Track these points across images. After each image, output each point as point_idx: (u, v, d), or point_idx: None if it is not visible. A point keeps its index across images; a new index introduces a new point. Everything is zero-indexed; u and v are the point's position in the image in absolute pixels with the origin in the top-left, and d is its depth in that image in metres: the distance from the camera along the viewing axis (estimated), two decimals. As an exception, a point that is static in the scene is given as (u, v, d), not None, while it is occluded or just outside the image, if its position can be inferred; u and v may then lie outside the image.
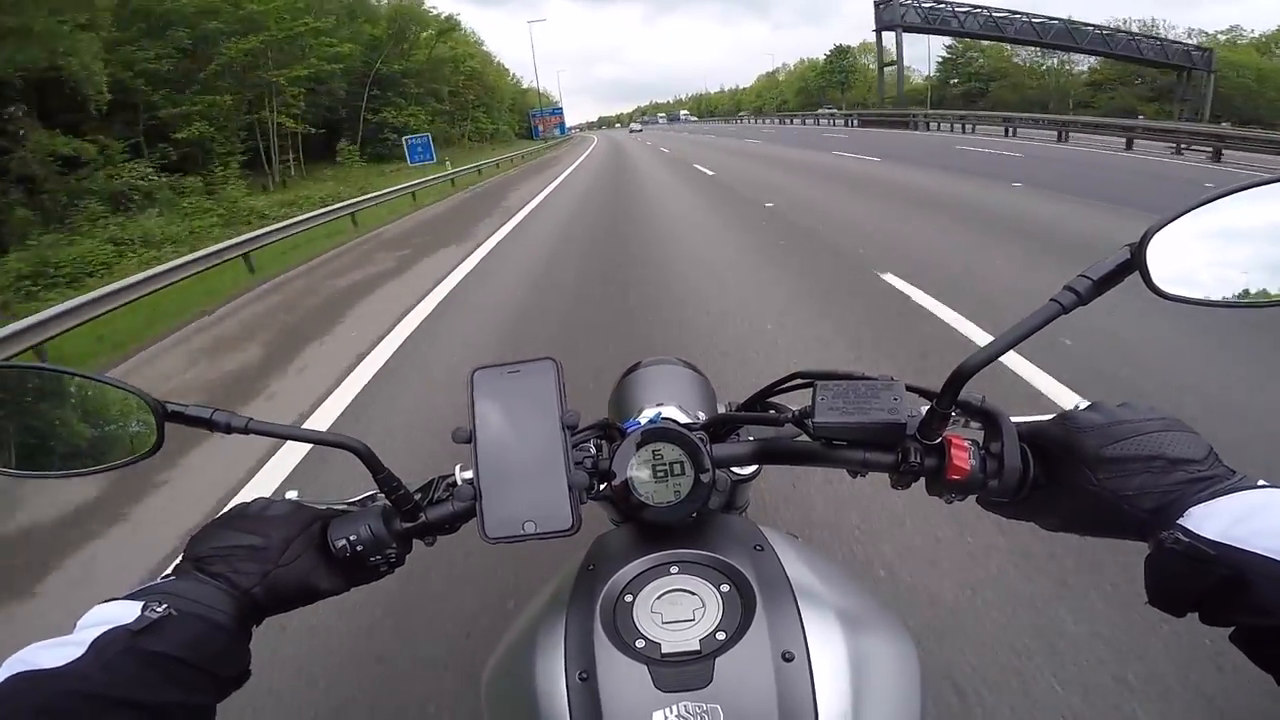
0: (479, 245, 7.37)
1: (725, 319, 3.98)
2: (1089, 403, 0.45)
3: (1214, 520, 0.35)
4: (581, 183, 14.67)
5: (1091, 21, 39.86)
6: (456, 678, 1.55)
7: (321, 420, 3.12)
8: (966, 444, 0.45)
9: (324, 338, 4.55)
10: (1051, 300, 0.40)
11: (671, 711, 0.38)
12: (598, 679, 0.40)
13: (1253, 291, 0.41)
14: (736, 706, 0.38)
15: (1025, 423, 0.46)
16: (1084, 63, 45.64)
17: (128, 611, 0.38)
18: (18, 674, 0.34)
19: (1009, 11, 39.71)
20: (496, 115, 44.27)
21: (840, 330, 3.69)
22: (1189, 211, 0.41)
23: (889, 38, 41.60)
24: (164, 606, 0.38)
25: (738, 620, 0.43)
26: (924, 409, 0.46)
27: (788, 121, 48.53)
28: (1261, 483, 0.37)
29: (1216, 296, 0.42)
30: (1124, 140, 15.43)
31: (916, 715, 0.43)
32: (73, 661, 0.35)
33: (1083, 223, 6.30)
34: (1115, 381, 2.77)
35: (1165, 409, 0.42)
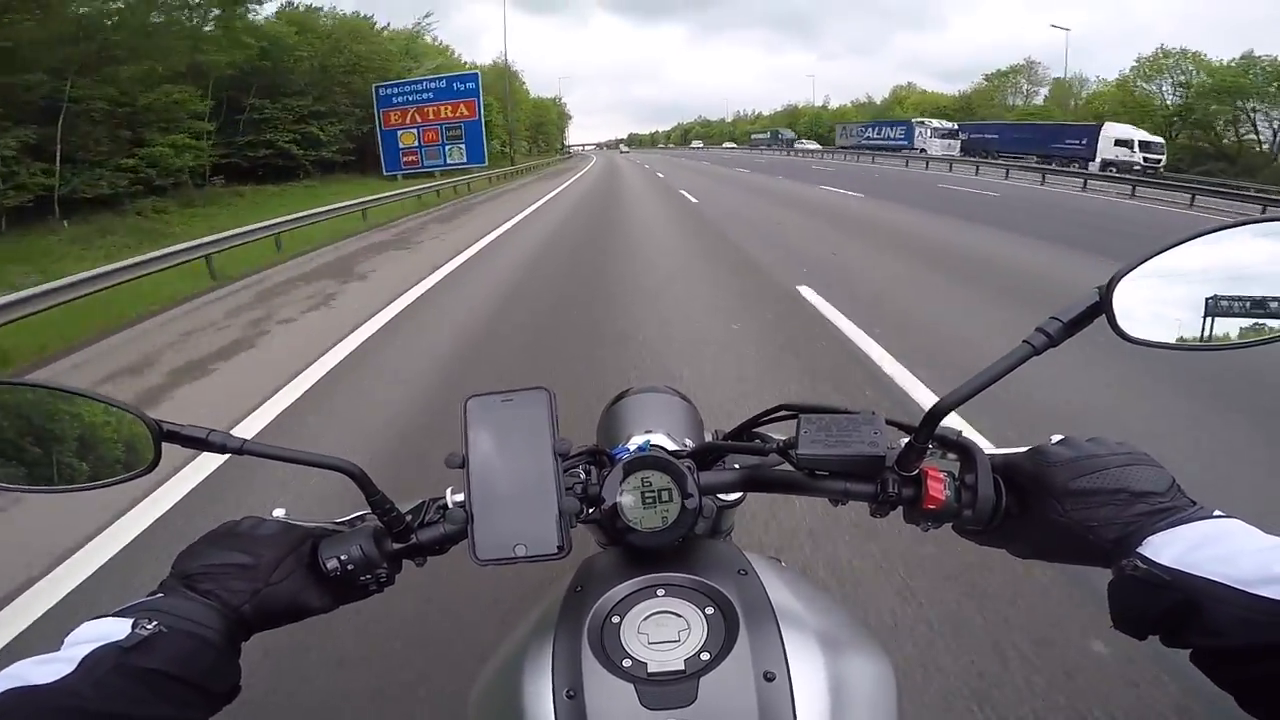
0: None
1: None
2: (1060, 436, 0.47)
3: (1170, 548, 0.37)
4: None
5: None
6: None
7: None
8: (942, 475, 0.47)
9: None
10: (1024, 342, 0.42)
11: None
12: (585, 697, 0.41)
13: (1217, 335, 0.43)
14: None
15: (998, 455, 0.48)
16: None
17: (118, 629, 0.38)
18: (9, 690, 0.34)
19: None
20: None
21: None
22: (1154, 256, 0.43)
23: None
24: (154, 624, 0.38)
25: (721, 641, 0.44)
26: (903, 442, 0.48)
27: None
28: (1217, 513, 0.39)
29: (1181, 340, 0.44)
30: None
31: None
32: (63, 678, 0.35)
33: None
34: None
35: (1132, 443, 0.44)
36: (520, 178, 26.49)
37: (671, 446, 0.59)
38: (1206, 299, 0.43)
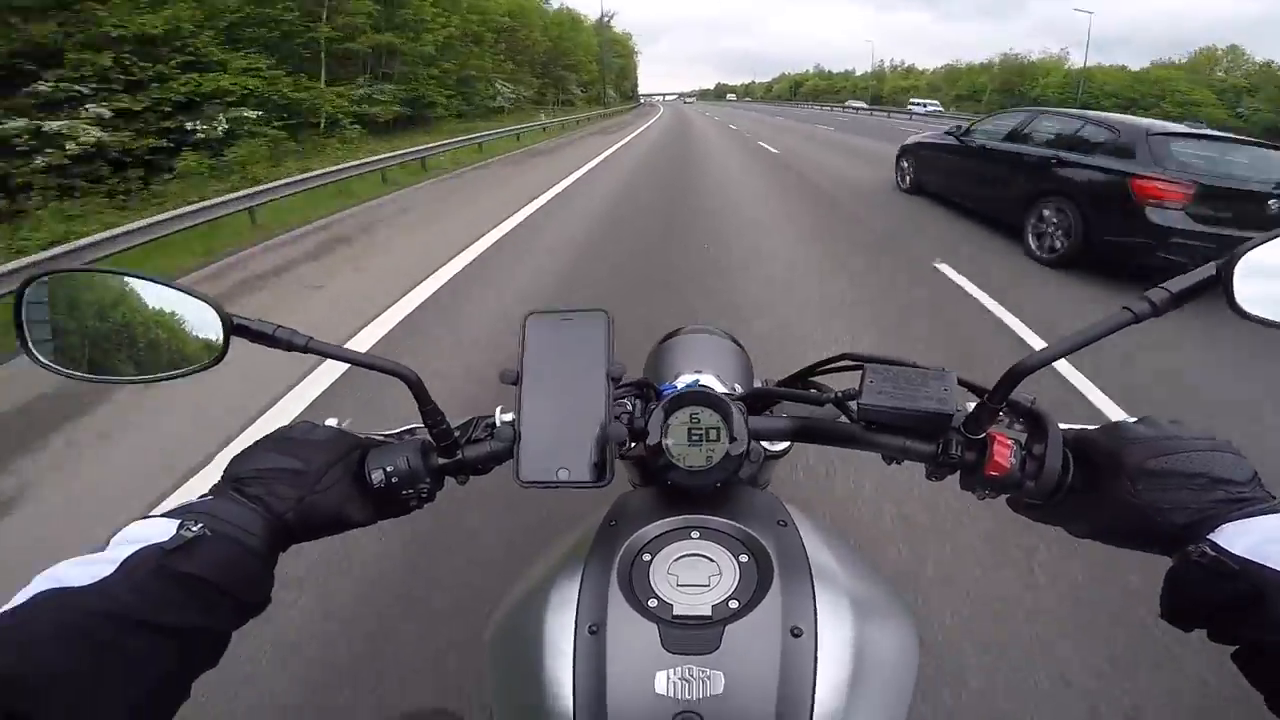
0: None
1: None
2: (1139, 417, 0.44)
3: (1245, 537, 0.35)
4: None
5: None
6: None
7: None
8: (1010, 442, 0.45)
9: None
10: (1124, 308, 0.39)
11: (675, 673, 0.39)
12: (607, 634, 0.41)
13: None
14: (738, 675, 0.39)
15: (1072, 430, 0.46)
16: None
17: (163, 530, 0.38)
18: (45, 590, 0.34)
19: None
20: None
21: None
22: None
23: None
24: (199, 526, 0.38)
25: (752, 591, 0.43)
26: (971, 405, 0.46)
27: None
28: None
29: None
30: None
31: (906, 705, 0.43)
32: (102, 580, 0.35)
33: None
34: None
35: (1214, 430, 0.42)
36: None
37: (720, 389, 0.58)
38: None
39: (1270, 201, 4.22)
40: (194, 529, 0.38)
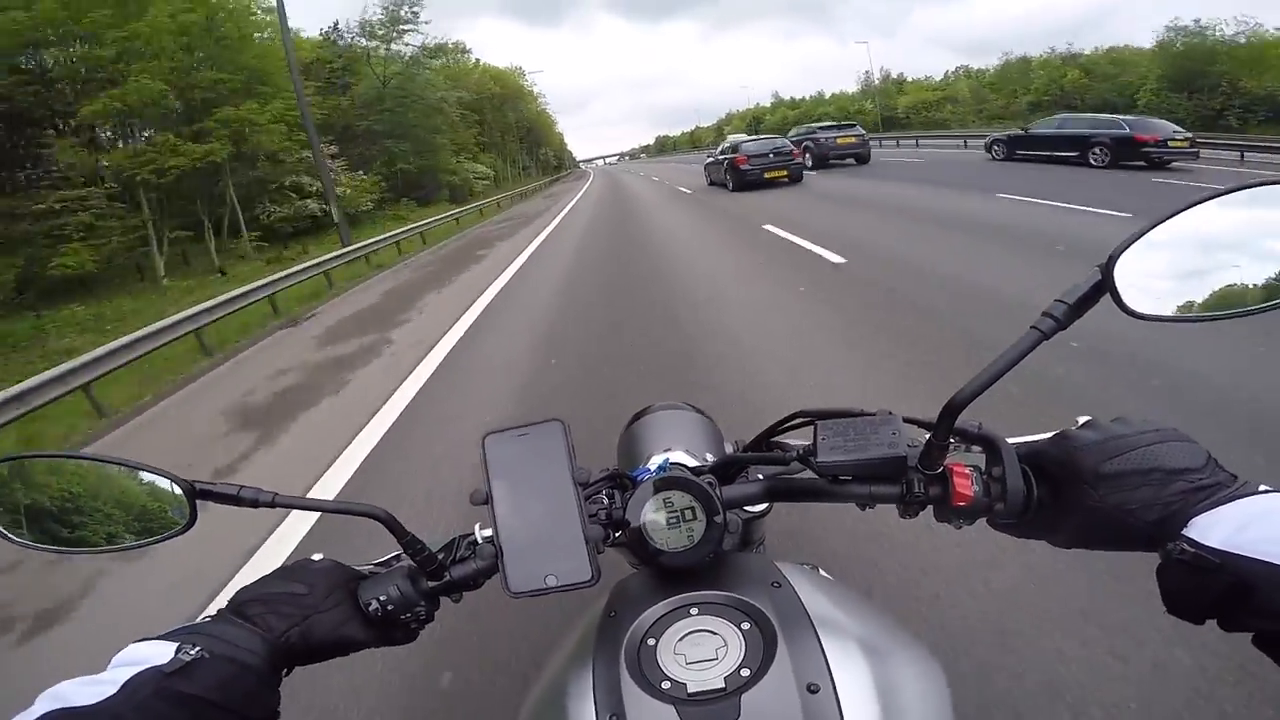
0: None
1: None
2: (1085, 418, 0.46)
3: (1217, 529, 0.36)
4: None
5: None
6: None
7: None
8: (968, 470, 0.47)
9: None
10: (1032, 328, 0.42)
11: None
12: None
13: (1223, 303, 0.42)
14: None
15: (1023, 443, 0.47)
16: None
17: (161, 652, 0.39)
18: (53, 711, 0.35)
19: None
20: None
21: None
22: (1151, 229, 0.42)
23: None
24: (197, 649, 0.39)
25: (760, 656, 0.43)
26: (924, 439, 0.47)
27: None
28: (1263, 488, 0.37)
29: (1189, 311, 0.43)
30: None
31: None
32: (105, 700, 0.36)
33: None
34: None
35: (1160, 419, 0.43)
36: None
37: (692, 463, 0.59)
38: (1209, 267, 0.42)
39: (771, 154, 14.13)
40: (192, 652, 0.39)
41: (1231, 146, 14.17)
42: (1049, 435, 0.47)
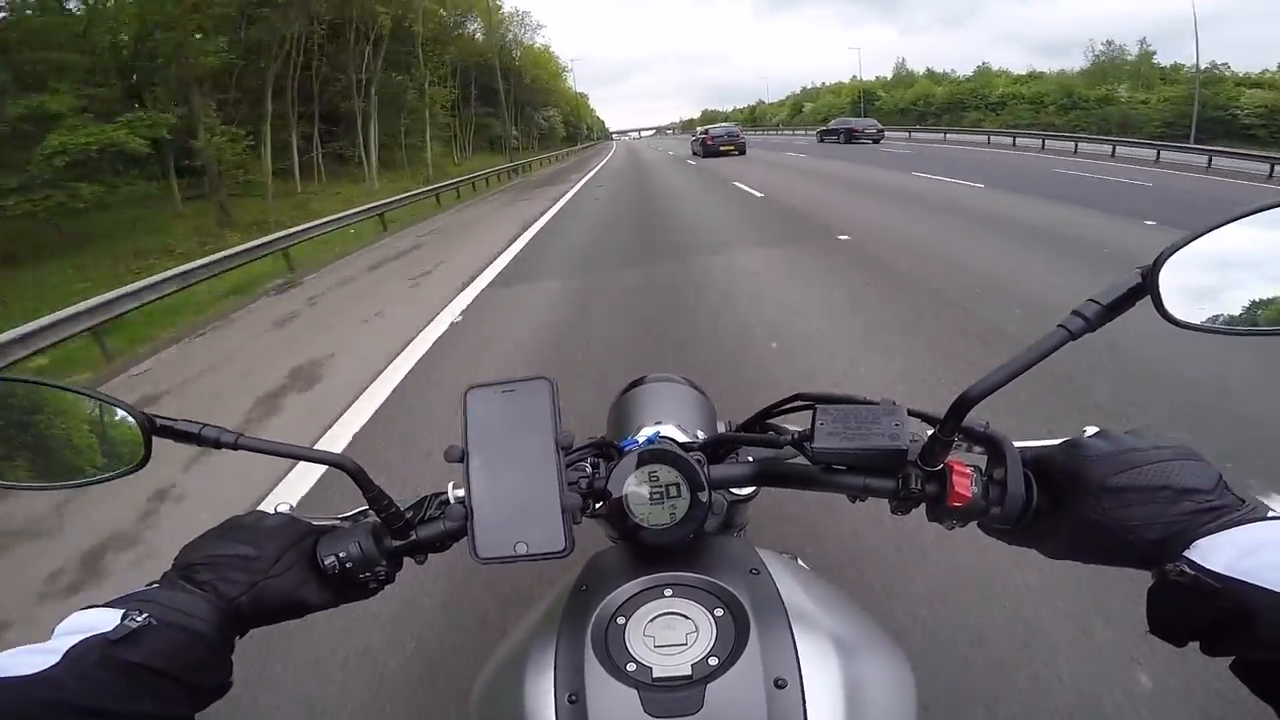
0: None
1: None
2: (1096, 429, 0.44)
3: (1221, 553, 0.35)
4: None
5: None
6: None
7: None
8: (969, 470, 0.45)
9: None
10: (1059, 326, 0.39)
11: None
12: (587, 702, 0.40)
13: (1267, 318, 0.40)
14: None
15: (1030, 448, 0.45)
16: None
17: (106, 619, 0.38)
18: None
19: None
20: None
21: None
22: (1205, 234, 0.39)
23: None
24: (144, 616, 0.38)
25: (731, 645, 0.42)
26: (927, 434, 0.45)
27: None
28: (1271, 514, 0.36)
29: (1232, 324, 0.41)
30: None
31: None
32: (45, 670, 0.34)
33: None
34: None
35: (1173, 436, 0.41)
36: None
37: (682, 438, 0.57)
38: (1263, 279, 0.40)
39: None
40: (138, 619, 0.37)
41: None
42: (1057, 442, 0.45)
